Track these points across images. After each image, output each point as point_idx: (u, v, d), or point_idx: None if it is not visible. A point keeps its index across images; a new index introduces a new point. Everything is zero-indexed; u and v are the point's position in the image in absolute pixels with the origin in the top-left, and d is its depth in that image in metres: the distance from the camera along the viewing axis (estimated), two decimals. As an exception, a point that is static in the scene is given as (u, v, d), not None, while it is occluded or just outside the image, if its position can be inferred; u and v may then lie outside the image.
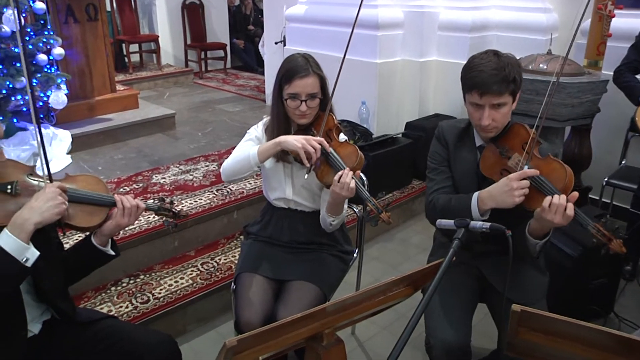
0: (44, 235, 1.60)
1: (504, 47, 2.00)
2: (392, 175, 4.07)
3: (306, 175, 2.00)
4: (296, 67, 2.04)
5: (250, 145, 2.15)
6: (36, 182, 1.63)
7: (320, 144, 1.96)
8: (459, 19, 4.34)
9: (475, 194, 1.88)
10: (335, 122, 2.12)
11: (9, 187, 1.55)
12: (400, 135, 4.31)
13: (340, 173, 1.90)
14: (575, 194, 1.71)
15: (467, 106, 1.95)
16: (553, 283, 2.14)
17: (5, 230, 1.44)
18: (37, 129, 1.51)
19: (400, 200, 4.07)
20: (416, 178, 4.35)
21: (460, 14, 4.35)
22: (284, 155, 2.10)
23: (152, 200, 1.82)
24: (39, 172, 1.68)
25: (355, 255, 2.45)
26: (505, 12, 4.45)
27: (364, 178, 2.29)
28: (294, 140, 1.95)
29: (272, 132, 2.13)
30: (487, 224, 1.48)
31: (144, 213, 1.87)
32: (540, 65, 3.42)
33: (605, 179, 3.51)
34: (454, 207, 1.93)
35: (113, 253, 1.81)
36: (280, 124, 2.13)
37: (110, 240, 1.80)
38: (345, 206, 2.17)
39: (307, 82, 2.03)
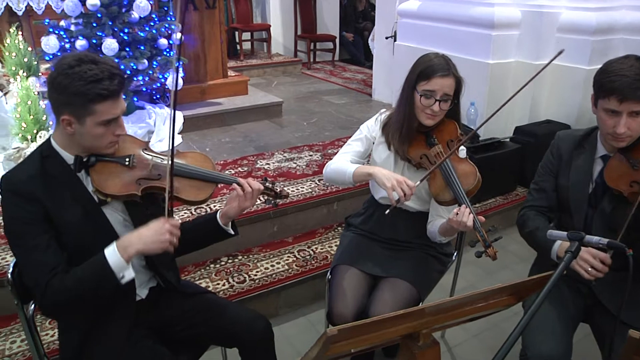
0: (156, 206, 1.71)
1: (631, 52, 1.86)
2: (496, 180, 3.94)
3: (387, 211, 1.92)
4: (436, 65, 2.00)
5: (358, 146, 2.17)
6: (150, 157, 1.74)
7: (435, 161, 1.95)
8: (582, 20, 4.07)
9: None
10: (458, 132, 2.06)
11: (127, 160, 1.68)
12: (508, 140, 4.15)
13: (455, 211, 1.84)
14: None
15: (598, 112, 1.82)
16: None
17: (114, 244, 1.53)
18: (172, 115, 1.57)
19: (503, 207, 3.93)
20: (521, 185, 4.18)
21: (584, 15, 4.08)
22: (401, 155, 2.08)
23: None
24: (153, 149, 1.80)
25: (453, 258, 2.41)
26: (638, 13, 4.11)
27: None
28: (385, 178, 1.91)
29: (394, 128, 2.10)
30: (605, 240, 1.39)
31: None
32: (672, 74, 3.16)
33: None
34: (536, 242, 2.00)
35: (233, 233, 1.89)
36: (409, 121, 2.07)
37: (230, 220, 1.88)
38: None
39: (446, 82, 1.98)
